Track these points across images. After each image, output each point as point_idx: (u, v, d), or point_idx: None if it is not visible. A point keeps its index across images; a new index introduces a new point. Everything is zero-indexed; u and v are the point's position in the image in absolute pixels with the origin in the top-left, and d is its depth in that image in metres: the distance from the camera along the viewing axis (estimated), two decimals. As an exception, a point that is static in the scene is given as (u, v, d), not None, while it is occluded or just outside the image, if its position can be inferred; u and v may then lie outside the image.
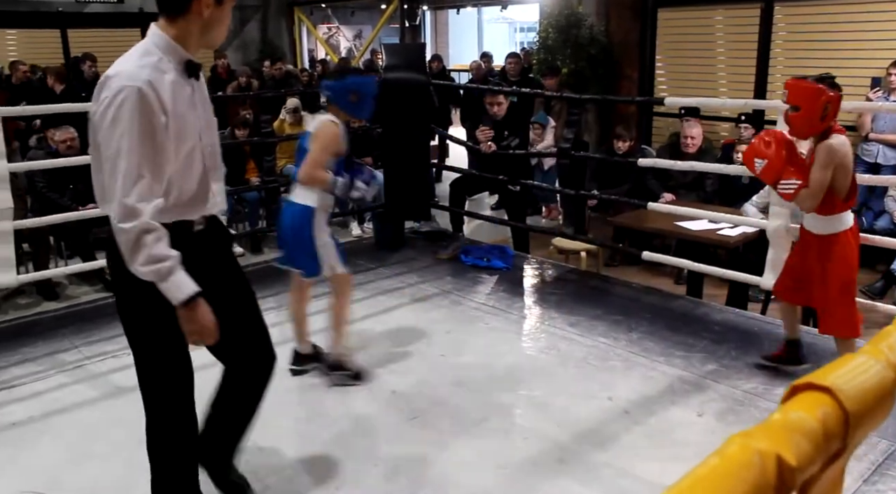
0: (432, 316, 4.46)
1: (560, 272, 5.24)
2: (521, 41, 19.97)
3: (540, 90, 6.81)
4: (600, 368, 3.77)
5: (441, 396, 3.51)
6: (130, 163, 1.97)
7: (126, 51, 2.17)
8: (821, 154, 3.19)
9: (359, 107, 3.51)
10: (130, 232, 1.97)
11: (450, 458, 3.01)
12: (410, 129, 5.56)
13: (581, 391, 3.52)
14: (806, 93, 3.15)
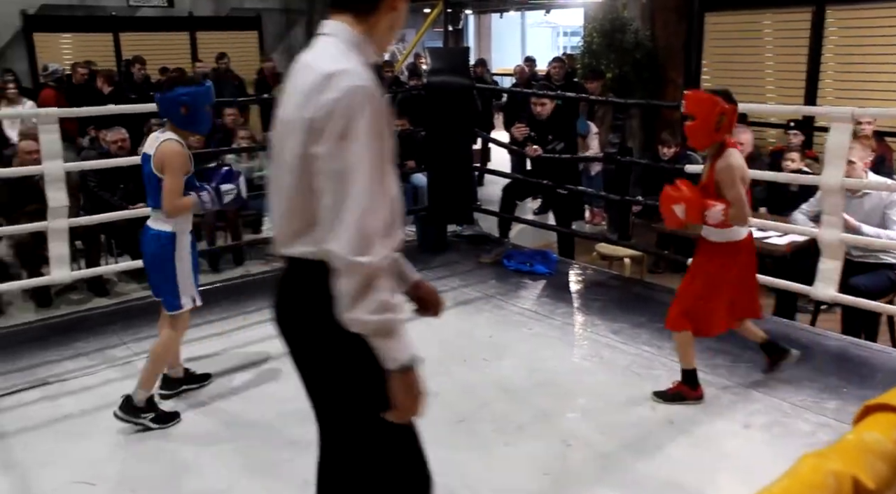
0: (475, 321, 4.47)
1: (603, 278, 5.20)
2: (563, 45, 19.90)
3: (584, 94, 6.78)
4: (644, 376, 3.73)
5: (484, 400, 3.51)
6: (369, 182, 1.56)
7: (175, 54, 2.07)
8: (725, 175, 3.24)
9: (192, 120, 3.23)
10: (364, 269, 1.54)
11: (493, 463, 3.01)
12: (454, 133, 5.58)
13: (625, 399, 3.49)
14: (702, 104, 3.24)
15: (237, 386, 3.71)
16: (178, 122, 3.21)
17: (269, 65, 10.03)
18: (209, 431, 3.32)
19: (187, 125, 3.24)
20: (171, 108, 3.19)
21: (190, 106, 3.18)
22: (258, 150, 6.58)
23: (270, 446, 3.16)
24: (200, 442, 3.21)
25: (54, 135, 4.18)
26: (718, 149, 3.27)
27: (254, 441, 3.20)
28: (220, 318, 4.58)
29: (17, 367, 3.89)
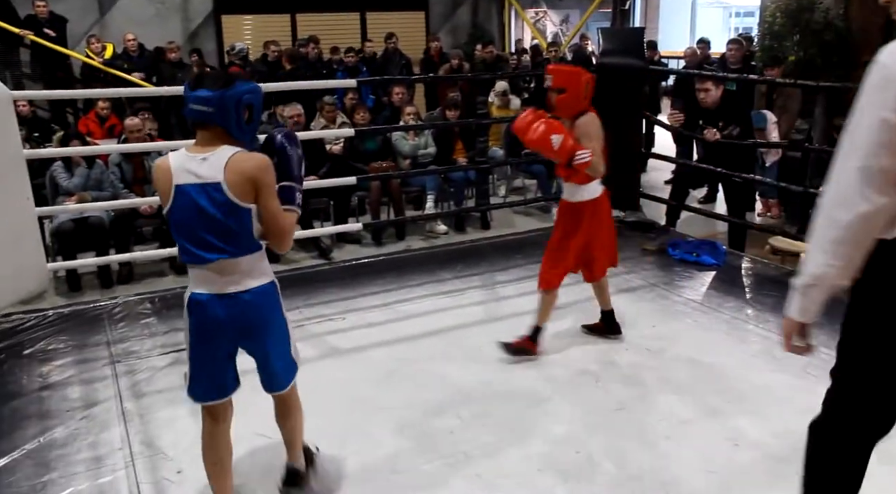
0: (638, 308, 4.35)
1: (777, 274, 4.90)
2: (736, 27, 18.85)
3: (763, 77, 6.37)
4: (822, 380, 3.45)
5: (646, 391, 3.42)
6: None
7: (346, 34, 2.18)
8: (590, 127, 3.53)
9: (252, 128, 2.34)
10: None
11: (655, 454, 2.92)
12: (623, 117, 5.42)
13: (800, 402, 3.26)
14: (570, 77, 3.54)
15: (399, 358, 3.81)
16: (235, 129, 2.24)
17: (435, 44, 10.19)
18: (373, 398, 3.44)
19: (244, 134, 2.29)
20: (229, 111, 2.22)
21: (255, 108, 2.32)
22: (424, 128, 6.72)
23: (432, 417, 3.24)
24: (367, 409, 3.33)
25: (243, 108, 4.44)
26: (580, 114, 3.55)
27: (416, 412, 3.28)
28: (383, 290, 4.74)
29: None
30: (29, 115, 6.99)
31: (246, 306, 2.30)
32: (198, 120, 2.23)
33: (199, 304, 2.30)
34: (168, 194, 2.22)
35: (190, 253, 2.27)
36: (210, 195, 2.18)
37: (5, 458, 2.94)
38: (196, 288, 2.31)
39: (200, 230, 2.22)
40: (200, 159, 2.20)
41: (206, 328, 2.32)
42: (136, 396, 3.44)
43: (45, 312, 4.35)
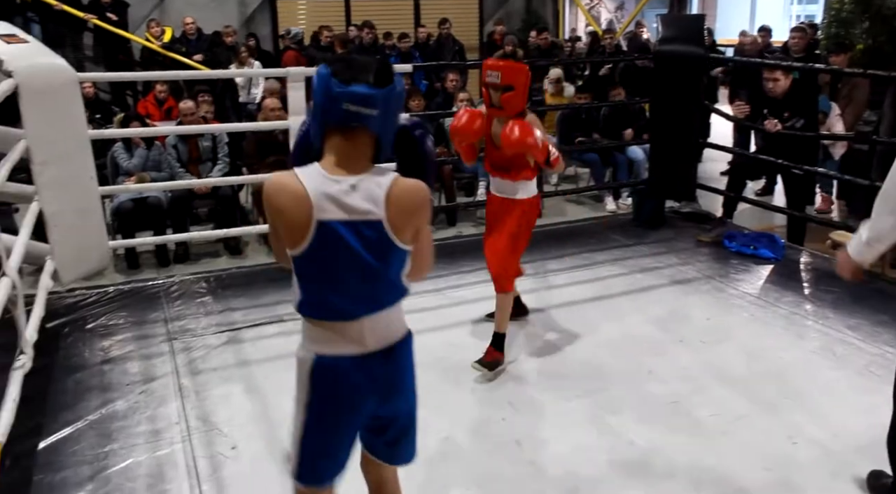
0: (692, 301, 4.28)
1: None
2: (797, 14, 18.31)
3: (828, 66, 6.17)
4: (885, 380, 3.34)
5: (700, 384, 3.36)
6: None
7: (400, 19, 2.09)
8: (538, 124, 3.38)
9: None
10: None
11: (710, 450, 2.87)
12: (682, 105, 5.32)
13: (862, 402, 3.18)
14: (519, 74, 3.31)
15: (451, 344, 3.81)
16: (387, 141, 1.75)
17: (500, 28, 10.16)
18: (424, 383, 3.44)
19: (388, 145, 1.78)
20: (392, 115, 1.74)
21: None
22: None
23: (486, 404, 3.24)
24: (420, 393, 3.33)
25: (300, 92, 4.49)
26: (521, 113, 3.37)
27: (468, 398, 3.29)
28: (435, 275, 4.74)
29: (258, 303, 4.27)
30: (92, 97, 7.17)
31: (391, 366, 1.84)
32: (349, 126, 1.67)
33: (332, 370, 1.77)
34: (304, 230, 1.66)
35: (328, 306, 1.74)
36: (364, 235, 1.68)
37: (70, 427, 3.04)
38: (325, 349, 1.76)
39: (347, 278, 1.71)
40: (349, 186, 1.67)
41: (339, 399, 1.80)
42: (192, 373, 3.51)
43: (105, 289, 4.46)
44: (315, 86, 1.69)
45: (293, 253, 1.70)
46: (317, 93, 1.68)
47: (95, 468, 2.79)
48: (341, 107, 1.65)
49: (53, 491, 2.66)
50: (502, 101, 3.33)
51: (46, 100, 3.58)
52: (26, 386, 2.83)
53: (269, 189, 1.69)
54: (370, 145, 1.72)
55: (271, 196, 1.68)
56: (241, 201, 6.33)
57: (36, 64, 3.60)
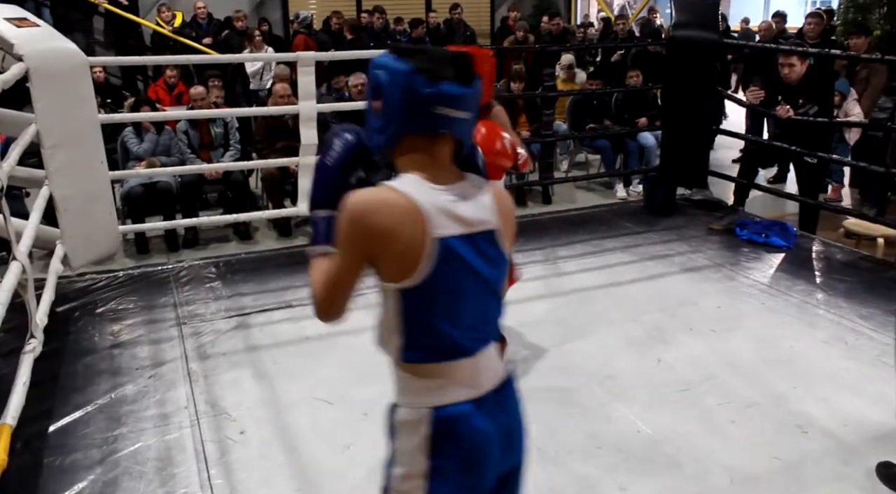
0: (702, 289, 4.25)
1: (851, 258, 4.72)
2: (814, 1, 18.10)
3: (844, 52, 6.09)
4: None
5: (710, 373, 3.34)
6: None
7: (411, 4, 1.92)
8: (504, 118, 3.12)
9: None
10: None
11: (718, 438, 2.86)
12: (695, 91, 5.27)
13: (873, 392, 3.16)
14: (484, 60, 2.83)
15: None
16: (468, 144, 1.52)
17: (514, 13, 10.16)
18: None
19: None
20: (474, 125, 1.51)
21: None
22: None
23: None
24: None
25: (310, 76, 4.47)
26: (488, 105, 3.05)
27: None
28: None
29: (267, 289, 4.27)
30: (102, 82, 7.17)
31: (506, 407, 1.52)
32: (437, 132, 1.41)
33: (455, 423, 1.42)
34: (418, 253, 1.35)
35: (444, 345, 1.42)
36: (482, 249, 1.42)
37: (80, 411, 3.05)
38: (440, 400, 1.42)
39: (467, 305, 1.42)
40: (457, 195, 1.40)
41: (470, 458, 1.43)
42: (200, 357, 3.53)
43: (115, 273, 4.48)
44: (389, 83, 1.38)
45: (402, 286, 1.36)
46: (394, 93, 1.38)
47: (105, 451, 2.80)
48: (432, 110, 1.37)
49: (63, 474, 2.68)
50: None
51: (57, 85, 3.58)
52: (36, 370, 2.84)
53: (363, 207, 1.34)
54: (452, 151, 1.45)
55: (369, 215, 1.33)
56: (252, 186, 6.33)
57: (46, 48, 3.60)
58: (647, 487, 2.60)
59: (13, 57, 3.41)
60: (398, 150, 1.43)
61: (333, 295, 1.44)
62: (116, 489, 2.61)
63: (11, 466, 2.31)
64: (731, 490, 2.59)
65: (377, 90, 1.41)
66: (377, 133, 1.44)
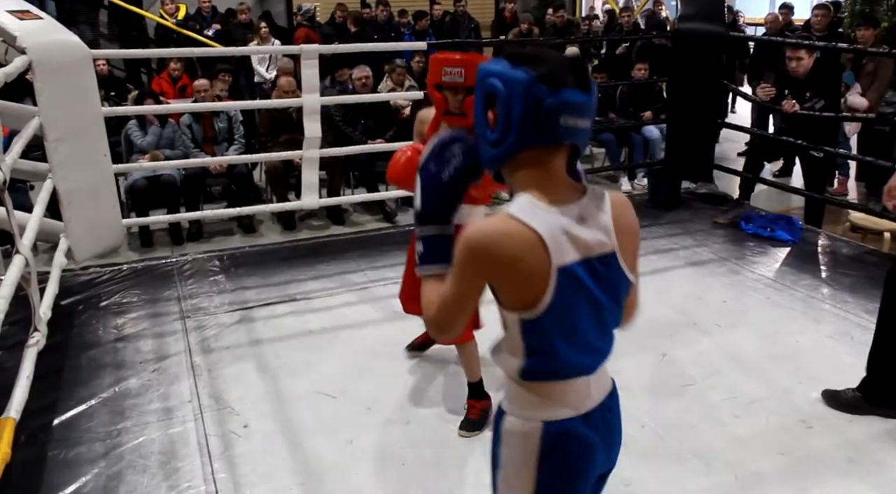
0: (707, 283, 4.23)
1: (857, 252, 4.70)
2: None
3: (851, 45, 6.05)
4: (903, 365, 3.34)
5: (715, 368, 3.33)
6: None
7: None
8: None
9: None
10: None
11: (722, 433, 2.85)
12: (701, 85, 5.24)
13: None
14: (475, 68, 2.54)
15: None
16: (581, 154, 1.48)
17: (510, 6, 10.06)
18: (439, 362, 3.44)
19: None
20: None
21: None
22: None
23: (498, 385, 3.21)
24: (431, 373, 3.34)
25: (314, 69, 4.46)
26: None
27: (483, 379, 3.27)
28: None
29: (270, 282, 4.27)
30: (106, 74, 7.14)
31: (610, 414, 1.54)
32: (560, 143, 1.34)
33: (565, 437, 1.43)
34: (543, 283, 1.30)
35: (562, 366, 1.41)
36: (598, 272, 1.36)
37: (84, 404, 3.06)
38: (552, 415, 1.43)
39: (586, 329, 1.40)
40: (576, 216, 1.33)
41: (575, 469, 1.47)
42: (204, 351, 3.52)
43: (119, 266, 4.48)
44: (507, 92, 1.29)
45: (526, 316, 1.33)
46: (513, 104, 1.29)
47: (109, 445, 2.81)
48: (555, 121, 1.28)
49: (67, 467, 2.68)
50: (465, 106, 2.67)
51: (60, 78, 3.57)
52: (40, 364, 2.84)
53: (486, 241, 1.29)
54: (567, 161, 1.37)
55: (491, 248, 1.29)
56: (256, 179, 6.33)
57: (50, 41, 3.59)
58: (650, 482, 2.59)
59: (16, 50, 3.40)
60: (513, 165, 1.35)
61: (452, 317, 1.40)
62: (120, 482, 2.61)
63: (16, 459, 2.30)
64: (735, 486, 2.57)
65: (491, 100, 1.32)
66: (491, 146, 1.35)
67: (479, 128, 1.37)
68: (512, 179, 1.37)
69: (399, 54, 7.05)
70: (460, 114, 2.69)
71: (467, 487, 2.57)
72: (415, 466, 2.69)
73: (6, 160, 2.71)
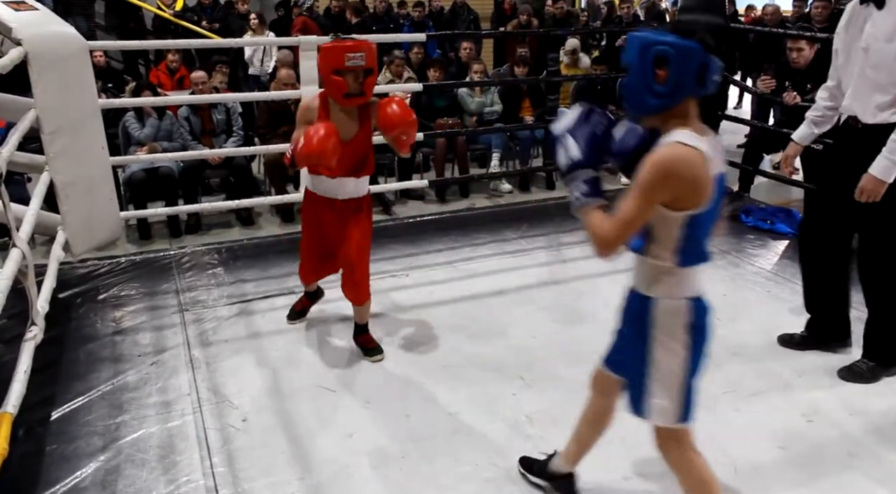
0: (707, 276, 4.15)
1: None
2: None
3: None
4: (903, 358, 3.33)
5: (715, 361, 3.24)
6: None
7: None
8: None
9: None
10: None
11: (722, 427, 2.84)
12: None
13: (881, 381, 3.15)
14: (374, 54, 3.05)
15: (462, 317, 3.79)
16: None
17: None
18: (435, 356, 3.43)
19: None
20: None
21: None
22: (494, 85, 6.61)
23: (495, 377, 3.22)
24: (429, 367, 3.33)
25: (312, 61, 4.42)
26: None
27: (478, 372, 3.27)
28: (447, 248, 4.72)
29: (269, 275, 4.26)
30: (103, 66, 7.11)
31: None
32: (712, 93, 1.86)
33: (704, 310, 1.98)
34: (709, 187, 1.80)
35: (703, 253, 1.94)
36: (721, 182, 1.90)
37: (82, 398, 3.05)
38: (693, 293, 1.95)
39: (713, 224, 1.95)
40: (711, 143, 1.84)
41: (707, 335, 2.01)
42: (203, 344, 3.51)
43: (117, 259, 4.46)
44: (681, 57, 1.75)
45: (692, 212, 1.82)
46: (687, 66, 1.76)
47: (107, 438, 2.80)
48: (710, 78, 1.79)
49: (66, 461, 2.67)
50: (366, 87, 3.04)
51: (56, 69, 3.54)
52: (38, 357, 2.82)
53: (677, 161, 1.77)
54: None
55: (680, 166, 1.77)
56: (254, 172, 6.30)
57: (46, 32, 3.56)
58: (650, 476, 2.59)
59: (12, 41, 3.37)
60: (672, 111, 1.82)
61: (625, 234, 1.84)
62: (119, 476, 2.60)
63: (13, 454, 2.29)
64: (735, 480, 2.57)
65: (662, 62, 1.77)
66: (656, 98, 1.81)
67: (643, 84, 1.81)
68: (666, 122, 1.83)
69: (398, 45, 7.00)
70: (360, 94, 3.04)
71: (467, 481, 2.57)
72: (414, 460, 2.69)
73: (3, 152, 2.68)
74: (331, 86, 3.04)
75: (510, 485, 2.54)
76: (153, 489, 2.54)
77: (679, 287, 1.94)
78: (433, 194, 6.18)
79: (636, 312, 2.02)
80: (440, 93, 6.44)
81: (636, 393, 2.08)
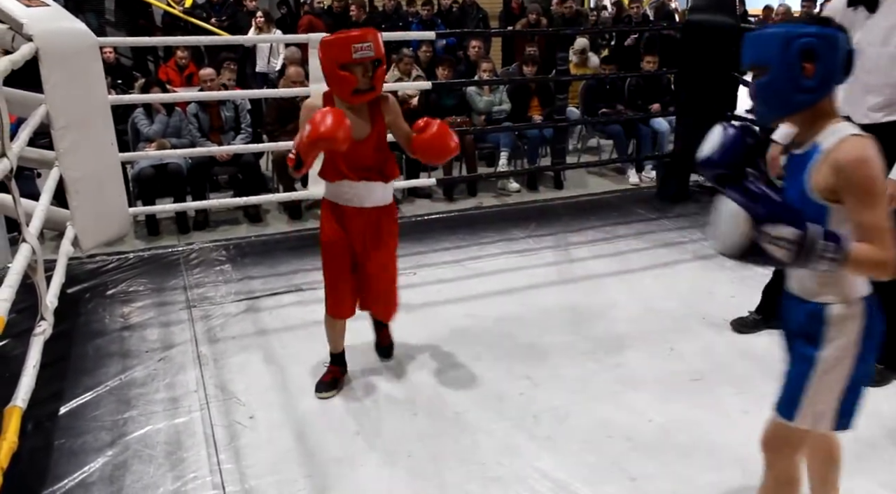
0: (716, 277, 4.21)
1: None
2: (831, -16, 17.82)
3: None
4: (913, 361, 3.31)
5: (723, 362, 3.31)
6: None
7: None
8: (399, 106, 2.95)
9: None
10: None
11: (731, 428, 2.83)
12: (711, 77, 5.19)
13: (889, 386, 3.13)
14: (381, 43, 2.73)
15: (469, 316, 3.79)
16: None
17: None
18: (442, 355, 3.43)
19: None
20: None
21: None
22: (504, 84, 6.59)
23: (503, 377, 3.21)
24: (436, 367, 3.33)
25: (321, 59, 4.42)
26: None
27: (486, 371, 3.26)
28: (454, 246, 4.72)
29: (276, 272, 4.26)
30: (113, 62, 7.13)
31: None
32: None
33: (876, 307, 1.85)
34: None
35: None
36: None
37: (91, 393, 3.06)
38: (864, 288, 1.83)
39: None
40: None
41: (876, 337, 1.84)
42: (210, 341, 3.52)
43: (126, 255, 4.48)
44: (829, 47, 1.66)
45: None
46: (835, 56, 1.67)
47: (115, 434, 2.81)
48: (853, 64, 1.72)
49: (74, 456, 2.68)
50: (376, 80, 2.74)
51: (67, 65, 3.54)
52: (47, 352, 2.82)
53: (876, 151, 1.65)
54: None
55: (877, 157, 1.64)
56: (262, 169, 6.30)
57: (56, 28, 3.56)
58: (657, 477, 2.58)
59: (23, 37, 3.38)
60: (821, 104, 1.71)
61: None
62: (126, 472, 2.61)
63: (22, 448, 2.30)
64: (743, 481, 2.56)
65: (809, 55, 1.65)
66: (805, 93, 1.69)
67: (788, 82, 1.68)
68: (815, 117, 1.72)
69: (406, 44, 7.00)
70: (370, 90, 2.74)
71: (474, 480, 2.56)
72: (421, 459, 2.68)
73: (13, 148, 2.69)
74: (337, 84, 2.72)
75: (517, 485, 2.53)
76: (160, 485, 2.55)
77: (853, 287, 1.79)
78: (441, 193, 6.17)
79: (807, 324, 1.84)
80: (449, 92, 6.42)
81: (791, 394, 1.97)
